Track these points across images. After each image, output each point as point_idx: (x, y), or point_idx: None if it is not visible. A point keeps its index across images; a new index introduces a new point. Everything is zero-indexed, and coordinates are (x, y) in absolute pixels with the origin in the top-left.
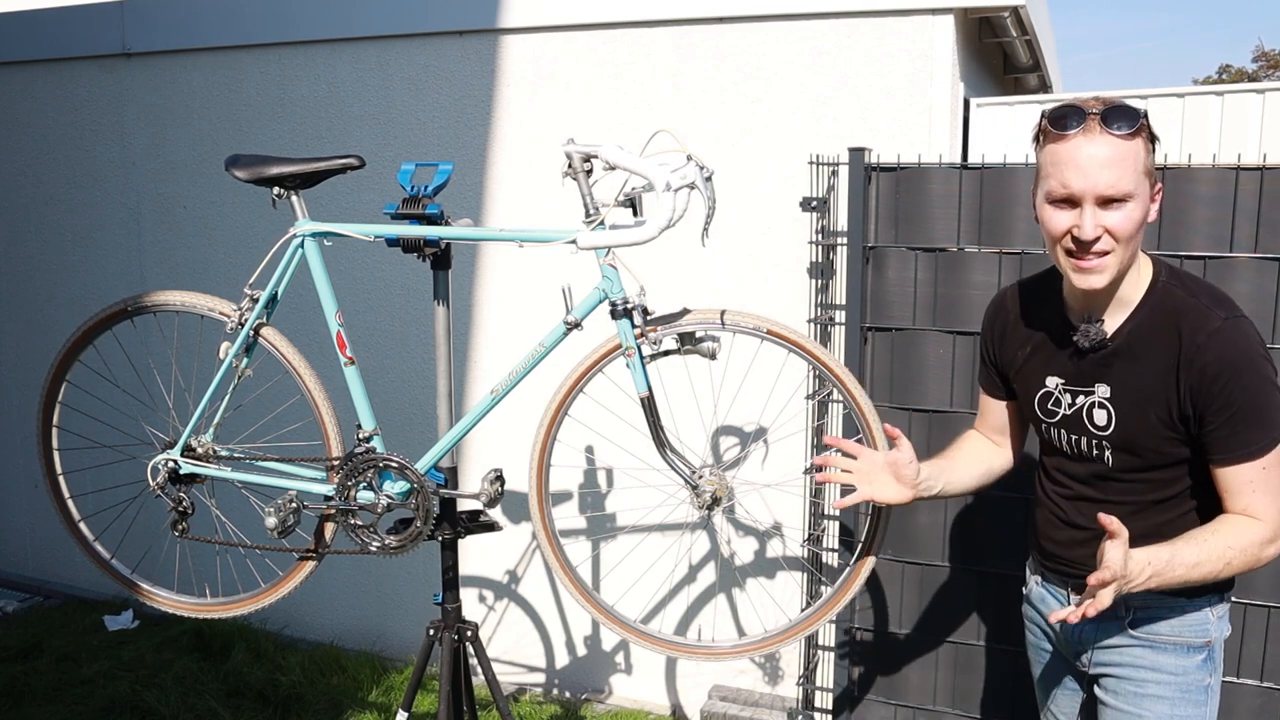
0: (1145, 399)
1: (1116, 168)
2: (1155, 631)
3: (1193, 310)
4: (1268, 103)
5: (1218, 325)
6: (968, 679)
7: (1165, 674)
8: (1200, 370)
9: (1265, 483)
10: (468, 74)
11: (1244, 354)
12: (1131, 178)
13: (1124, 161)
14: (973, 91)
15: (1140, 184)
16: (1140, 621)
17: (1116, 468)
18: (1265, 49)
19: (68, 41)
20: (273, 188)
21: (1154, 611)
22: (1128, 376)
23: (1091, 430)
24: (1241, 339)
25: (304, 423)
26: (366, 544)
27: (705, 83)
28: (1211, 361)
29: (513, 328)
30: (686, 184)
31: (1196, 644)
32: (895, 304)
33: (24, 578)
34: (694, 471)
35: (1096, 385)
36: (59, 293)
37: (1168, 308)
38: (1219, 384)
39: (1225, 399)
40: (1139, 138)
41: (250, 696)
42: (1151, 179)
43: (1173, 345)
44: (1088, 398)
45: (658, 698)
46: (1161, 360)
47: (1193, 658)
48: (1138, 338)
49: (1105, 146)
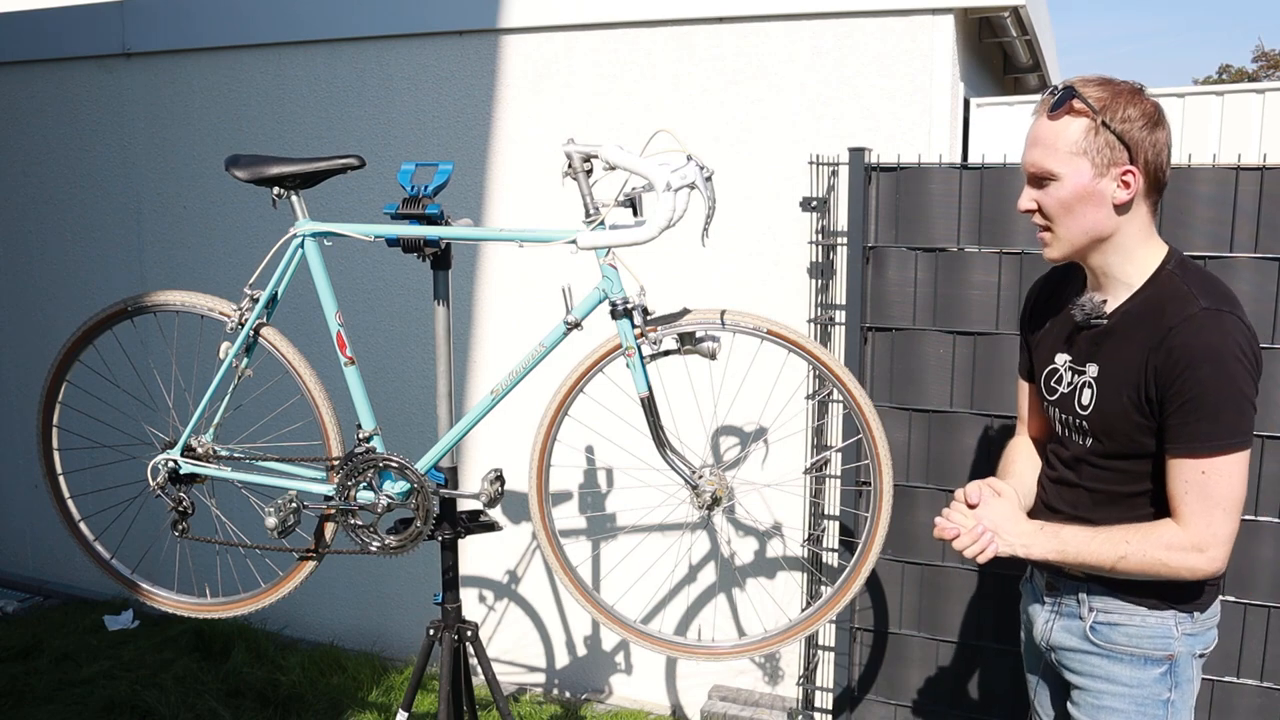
0: (1122, 380)
1: (1040, 147)
2: (1112, 641)
3: (1179, 295)
4: (1268, 103)
5: (1194, 312)
6: (968, 679)
7: (1120, 685)
8: (1166, 353)
9: (1201, 489)
10: (468, 74)
11: (1211, 346)
12: (1054, 157)
13: (1050, 142)
14: (973, 91)
15: (1068, 164)
16: (1100, 628)
17: (1091, 451)
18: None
19: (68, 41)
20: (273, 188)
21: (1114, 618)
22: (1113, 357)
23: (1077, 410)
24: (1214, 331)
25: (304, 423)
26: (366, 544)
27: (705, 83)
28: (1177, 346)
29: (513, 328)
30: (686, 184)
31: (1156, 657)
32: (895, 304)
33: (24, 578)
34: (694, 471)
35: (1088, 365)
36: (59, 293)
37: (1161, 293)
38: (1178, 369)
39: (1181, 386)
40: (1074, 118)
41: (250, 696)
42: (1099, 160)
43: (1153, 327)
44: (1080, 377)
45: (658, 698)
46: (1142, 342)
47: (1149, 670)
48: (1129, 319)
49: (1040, 126)
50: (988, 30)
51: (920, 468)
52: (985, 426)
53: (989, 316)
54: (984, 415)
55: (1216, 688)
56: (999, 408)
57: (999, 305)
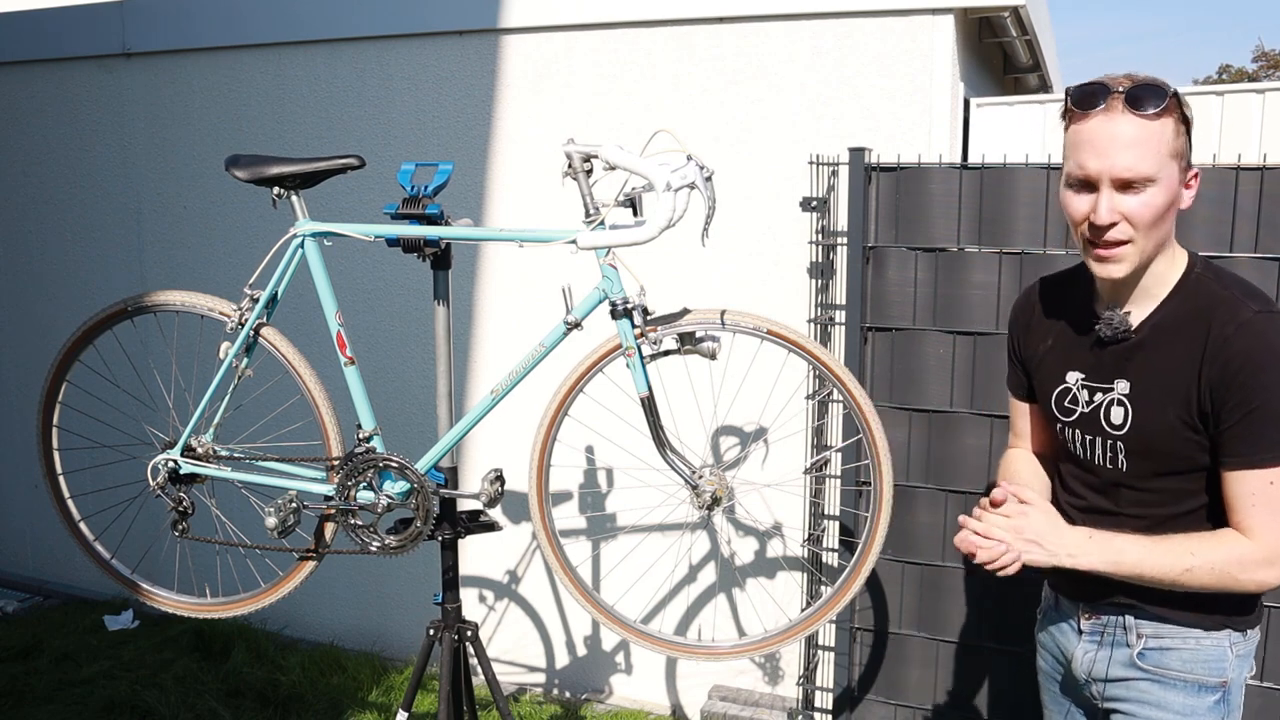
0: (1166, 395)
1: (1137, 149)
2: (1165, 666)
3: (1225, 301)
4: (1268, 103)
5: (1249, 317)
6: (968, 679)
7: (1172, 713)
8: (1225, 363)
9: (1269, 499)
10: (468, 74)
11: (1273, 350)
12: (1153, 160)
13: (1146, 143)
14: (973, 91)
15: (1165, 167)
16: (1150, 654)
17: (1131, 473)
18: (1265, 49)
19: (68, 41)
20: (273, 188)
21: (1165, 643)
22: (1149, 371)
23: (1107, 430)
24: (1273, 334)
25: (304, 423)
26: (366, 544)
27: (705, 83)
28: (1237, 353)
29: (513, 328)
30: (686, 184)
31: (1210, 683)
32: (895, 304)
33: (24, 578)
34: (694, 471)
35: (1116, 381)
36: (59, 293)
37: (1198, 300)
38: (1241, 378)
39: (1245, 395)
40: (1166, 118)
41: (250, 696)
42: (1182, 163)
43: (1199, 337)
44: (1106, 394)
45: (658, 698)
46: (1186, 353)
47: (1204, 698)
48: (1163, 330)
49: (1127, 126)
50: (988, 30)
51: (920, 468)
52: (985, 426)
53: (989, 316)
54: (984, 415)
55: None
56: (999, 408)
57: (999, 305)
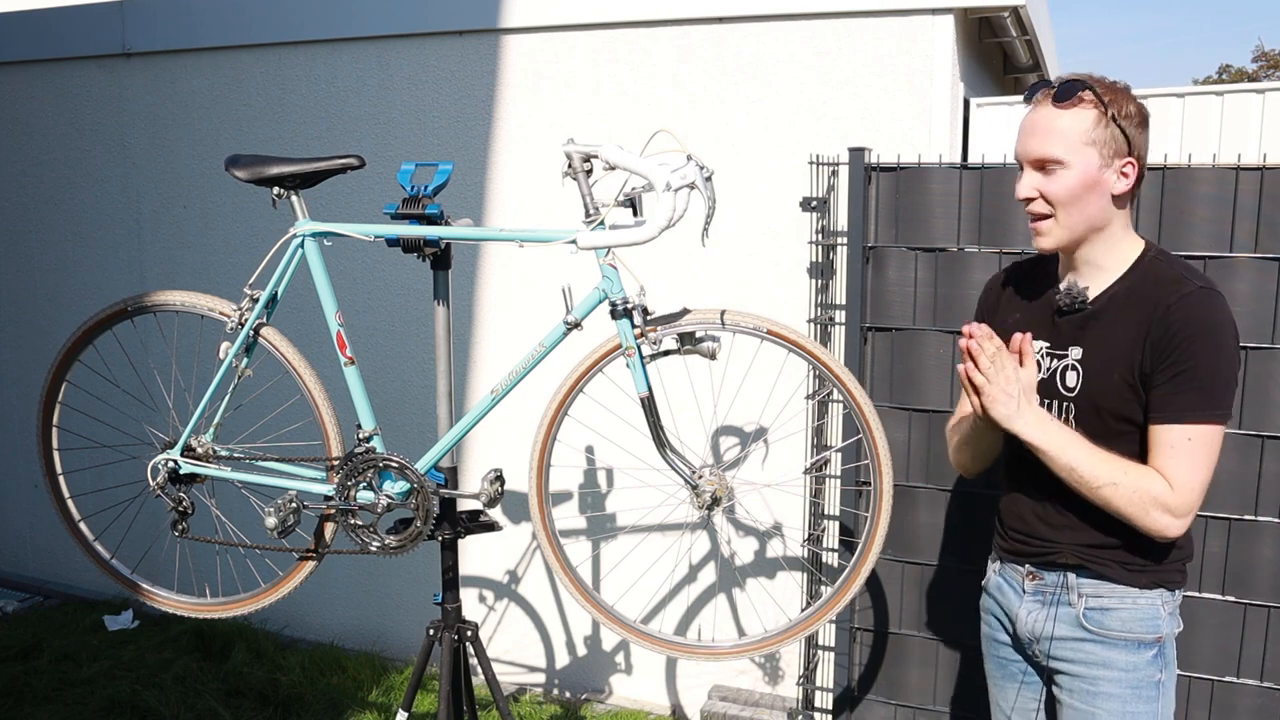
0: (1112, 360)
1: (1048, 135)
2: (1106, 626)
3: (1171, 279)
4: (1268, 103)
5: (1190, 290)
6: (968, 679)
7: (1117, 670)
8: (1165, 327)
9: (1187, 452)
10: (468, 74)
11: (1208, 320)
12: (1061, 145)
13: (1057, 130)
14: (973, 91)
15: (1077, 153)
16: (1092, 614)
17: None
18: (1265, 49)
19: (68, 41)
20: (273, 188)
21: (1105, 603)
22: (1100, 339)
23: (1062, 393)
24: (1210, 307)
25: (304, 423)
26: (366, 544)
27: (705, 82)
28: (1175, 320)
29: (513, 328)
30: (686, 184)
31: (1147, 640)
32: (895, 304)
33: (24, 578)
34: (694, 471)
35: (1071, 348)
36: (59, 293)
37: (1149, 278)
38: (1176, 341)
39: (1177, 357)
40: (1082, 109)
41: (250, 696)
42: (1105, 151)
43: (1147, 309)
44: (1062, 361)
45: (658, 698)
46: (1135, 323)
47: (1143, 654)
48: (1116, 303)
49: (1044, 115)
50: (988, 30)
51: (920, 468)
52: None
53: None
54: None
55: (1217, 687)
56: None
57: None
